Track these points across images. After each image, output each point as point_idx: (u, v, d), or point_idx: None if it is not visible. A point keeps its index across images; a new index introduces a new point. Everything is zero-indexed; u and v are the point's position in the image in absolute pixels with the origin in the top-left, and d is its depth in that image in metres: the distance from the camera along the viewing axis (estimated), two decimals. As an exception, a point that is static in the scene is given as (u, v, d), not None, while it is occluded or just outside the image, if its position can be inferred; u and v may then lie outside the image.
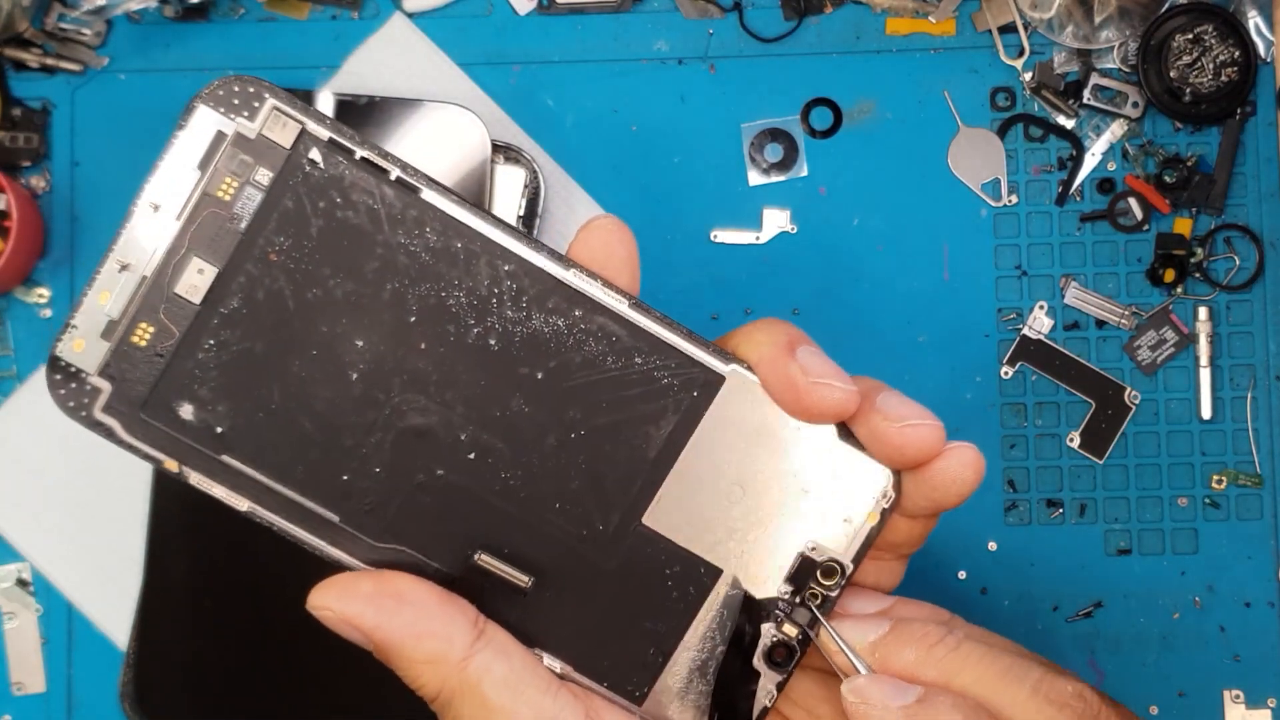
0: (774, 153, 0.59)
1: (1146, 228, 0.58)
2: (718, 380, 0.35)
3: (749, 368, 0.36)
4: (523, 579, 0.35)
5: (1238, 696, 0.57)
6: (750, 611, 0.36)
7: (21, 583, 0.57)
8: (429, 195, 0.34)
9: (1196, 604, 0.58)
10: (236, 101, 0.33)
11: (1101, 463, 0.58)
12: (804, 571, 0.36)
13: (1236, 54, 0.57)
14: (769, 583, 0.36)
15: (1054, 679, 0.34)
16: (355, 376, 0.33)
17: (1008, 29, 0.59)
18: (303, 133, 0.33)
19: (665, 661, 0.35)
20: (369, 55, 0.59)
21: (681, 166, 0.59)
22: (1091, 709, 0.33)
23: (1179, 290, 0.58)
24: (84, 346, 0.33)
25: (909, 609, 0.37)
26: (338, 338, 0.33)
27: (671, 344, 0.35)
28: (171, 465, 0.33)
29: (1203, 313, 0.58)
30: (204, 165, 0.33)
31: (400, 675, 0.34)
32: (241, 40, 0.59)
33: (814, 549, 0.36)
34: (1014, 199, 0.59)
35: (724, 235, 0.59)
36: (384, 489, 0.34)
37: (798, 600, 0.35)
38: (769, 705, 0.36)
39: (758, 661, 0.35)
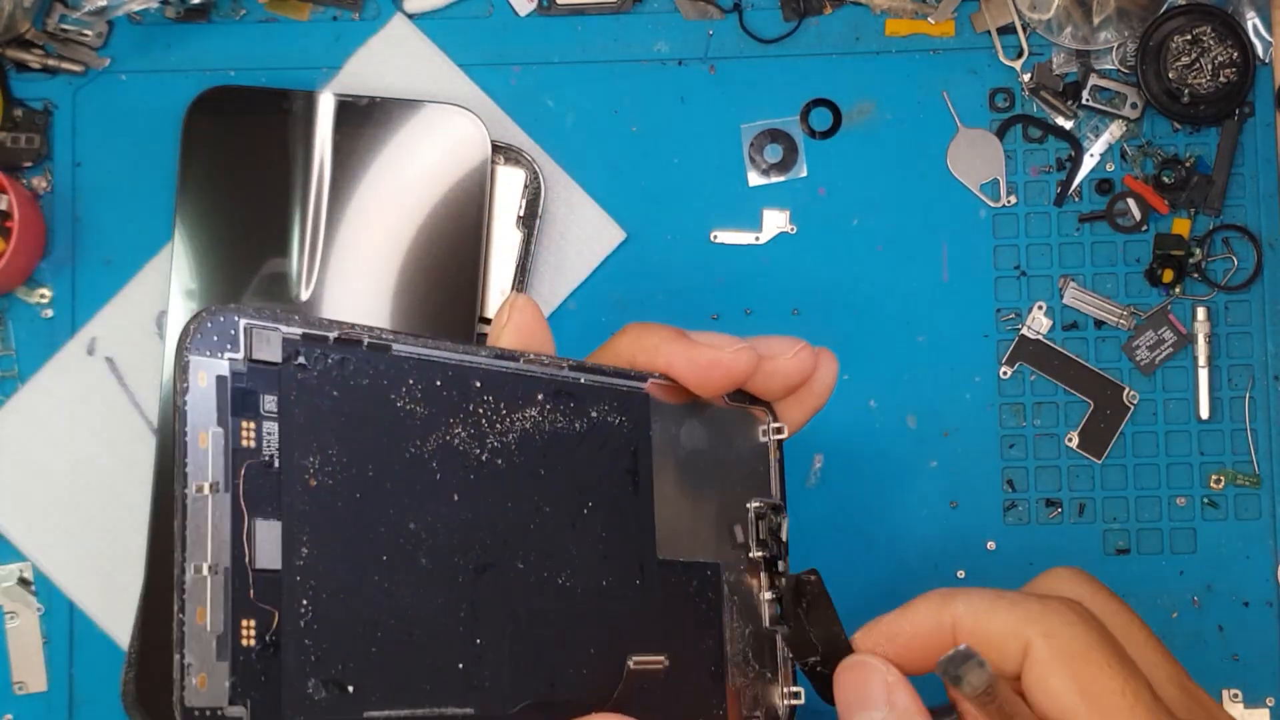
0: (774, 153, 0.59)
1: (1145, 228, 0.58)
2: (645, 399, 0.37)
3: (658, 375, 0.37)
4: (659, 659, 0.36)
5: (1236, 696, 0.57)
6: (751, 585, 0.38)
7: (23, 582, 0.57)
8: (399, 348, 0.33)
9: (1195, 604, 0.58)
10: (216, 337, 0.31)
11: (1100, 463, 0.58)
12: (761, 525, 0.38)
13: (1235, 55, 0.57)
14: (749, 553, 0.38)
15: None
16: (425, 561, 0.33)
17: (1007, 30, 0.59)
18: (283, 339, 0.31)
19: (725, 668, 0.37)
20: (370, 56, 0.59)
21: (681, 167, 0.59)
22: None
23: (1177, 290, 0.58)
24: (207, 681, 0.30)
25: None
26: (394, 531, 0.32)
27: (606, 385, 0.37)
28: None
29: (1201, 313, 0.58)
30: (221, 420, 0.31)
31: None
32: (242, 41, 0.59)
33: (758, 504, 0.38)
34: (1013, 200, 0.59)
35: (724, 235, 0.59)
36: (490, 654, 0.34)
37: (767, 551, 0.38)
38: (790, 656, 0.38)
39: (771, 624, 0.38)
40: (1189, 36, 0.57)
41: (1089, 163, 0.59)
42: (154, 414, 0.57)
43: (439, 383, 0.34)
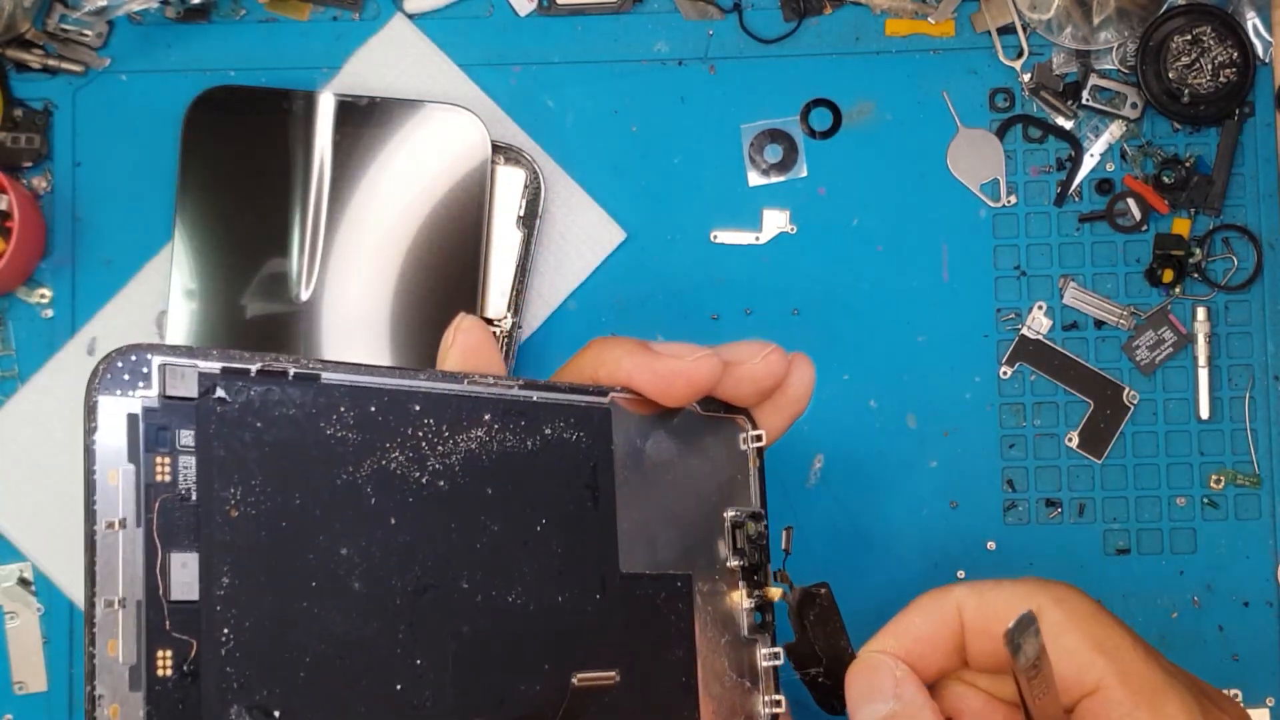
0: (773, 153, 0.59)
1: (1145, 228, 0.58)
2: (606, 413, 0.37)
3: (621, 389, 0.37)
4: (609, 675, 0.36)
5: (1236, 695, 0.57)
6: (729, 596, 0.38)
7: (23, 582, 0.57)
8: (329, 377, 0.33)
9: (1195, 603, 0.58)
10: (128, 376, 0.31)
11: (1100, 463, 0.58)
12: (739, 534, 0.38)
13: (1235, 55, 0.57)
14: (724, 561, 0.38)
15: None
16: (358, 586, 0.33)
17: (1007, 30, 0.59)
18: (199, 374, 0.32)
19: (697, 679, 0.37)
20: (370, 56, 0.59)
21: (681, 167, 0.59)
22: None
23: (1177, 290, 0.58)
24: (119, 712, 0.30)
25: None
26: (325, 557, 0.33)
27: (561, 402, 0.37)
28: None
29: (1201, 313, 0.58)
30: (133, 457, 0.31)
31: None
32: (242, 41, 0.59)
33: (734, 513, 0.38)
34: (1013, 199, 0.59)
35: (724, 235, 0.59)
36: (431, 675, 0.34)
37: (747, 561, 0.38)
38: (778, 665, 0.38)
39: (750, 633, 0.38)
40: (1189, 36, 0.57)
41: (1089, 163, 0.59)
42: (154, 414, 0.57)
43: (373, 408, 0.34)
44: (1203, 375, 0.58)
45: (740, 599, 0.38)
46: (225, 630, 0.31)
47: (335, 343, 0.56)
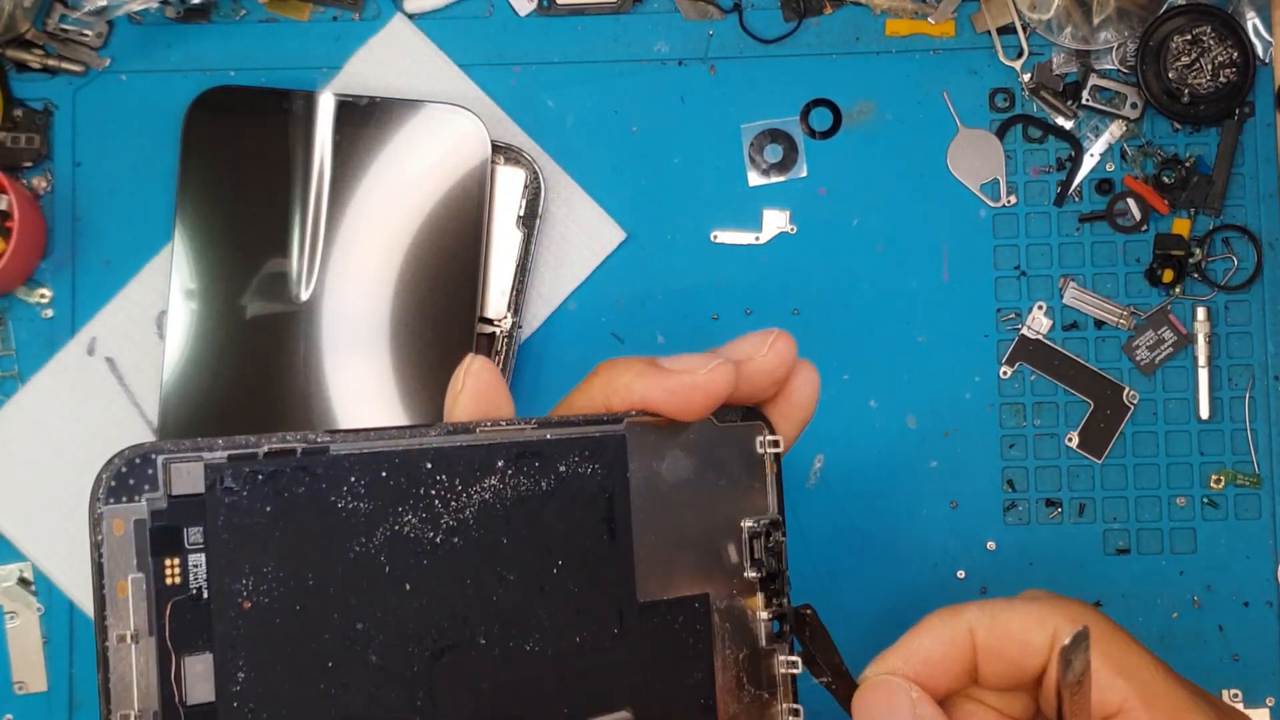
0: (774, 153, 0.59)
1: (1145, 228, 0.58)
2: (621, 440, 0.36)
3: (638, 411, 0.36)
4: (622, 716, 0.36)
5: (1236, 695, 0.57)
6: (746, 608, 0.37)
7: (23, 582, 0.57)
8: (337, 449, 0.33)
9: (1195, 603, 0.58)
10: (133, 482, 0.30)
11: (1100, 462, 0.58)
12: (756, 544, 0.37)
13: (1235, 55, 0.57)
14: (743, 574, 0.37)
15: None
16: (375, 659, 0.33)
17: (1007, 30, 0.59)
18: (205, 467, 0.31)
19: (715, 700, 0.37)
20: (370, 56, 0.59)
21: (681, 167, 0.59)
22: None
23: (1177, 290, 0.58)
24: None
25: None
26: (340, 635, 0.32)
27: (575, 437, 0.36)
28: None
29: (1201, 313, 0.58)
30: (142, 565, 0.30)
31: None
32: (242, 41, 0.59)
33: (751, 523, 0.37)
34: (1013, 199, 0.59)
35: (724, 235, 0.59)
36: None
37: (765, 571, 0.37)
38: (795, 673, 0.37)
39: (768, 643, 0.37)
40: (1189, 36, 0.57)
41: (1089, 163, 0.59)
42: (154, 414, 0.57)
43: (384, 473, 0.33)
44: (1203, 375, 0.58)
45: (758, 609, 0.37)
46: None
47: (335, 343, 0.56)
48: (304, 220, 0.56)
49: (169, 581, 0.31)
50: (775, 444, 0.38)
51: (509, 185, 0.57)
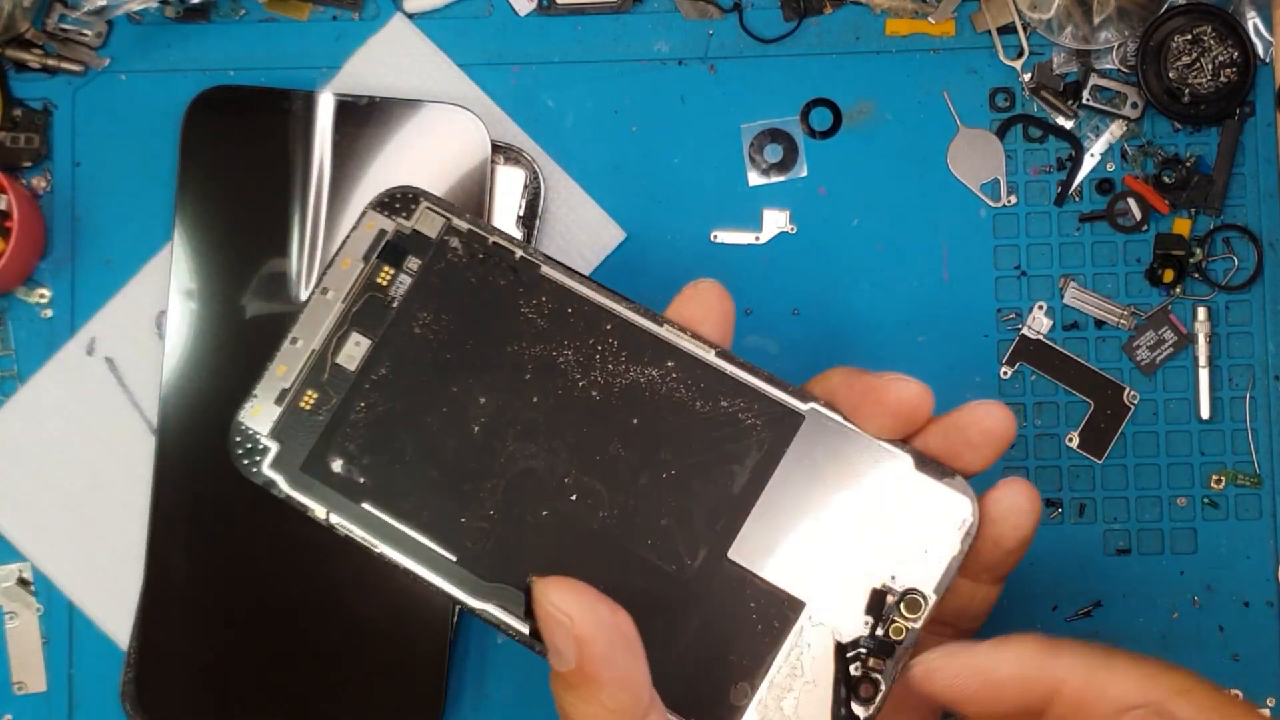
0: (774, 153, 0.59)
1: (1145, 228, 0.58)
2: (798, 419, 0.37)
3: (828, 405, 0.37)
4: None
5: (1236, 696, 0.57)
6: (834, 646, 0.35)
7: (22, 582, 0.57)
8: (547, 270, 0.39)
9: (1195, 604, 0.58)
10: (397, 205, 0.39)
11: (1100, 463, 0.58)
12: (886, 605, 0.36)
13: (1235, 55, 0.57)
14: (851, 616, 0.36)
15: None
16: (477, 429, 0.37)
17: (1007, 30, 0.59)
18: (447, 226, 0.39)
19: (752, 695, 0.36)
20: (369, 56, 0.59)
21: (681, 167, 0.59)
22: None
23: (1178, 290, 0.58)
24: (260, 411, 0.38)
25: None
26: (465, 396, 0.38)
27: (754, 387, 0.38)
28: (319, 514, 0.38)
29: (1201, 313, 0.58)
30: (367, 257, 0.39)
31: (566, 706, 0.33)
32: (242, 41, 0.59)
33: (895, 581, 0.36)
34: (1013, 199, 0.59)
35: (724, 235, 0.59)
36: (495, 530, 0.37)
37: (880, 634, 0.35)
38: None
39: (843, 697, 0.35)
40: (1189, 36, 0.57)
41: (1089, 162, 0.59)
42: (154, 414, 0.57)
43: (569, 310, 0.39)
44: (1203, 375, 0.58)
45: (849, 662, 0.35)
46: (362, 404, 0.38)
47: (335, 343, 0.56)
48: (304, 220, 0.56)
49: (379, 280, 0.39)
50: (971, 528, 0.36)
51: (509, 185, 0.57)
